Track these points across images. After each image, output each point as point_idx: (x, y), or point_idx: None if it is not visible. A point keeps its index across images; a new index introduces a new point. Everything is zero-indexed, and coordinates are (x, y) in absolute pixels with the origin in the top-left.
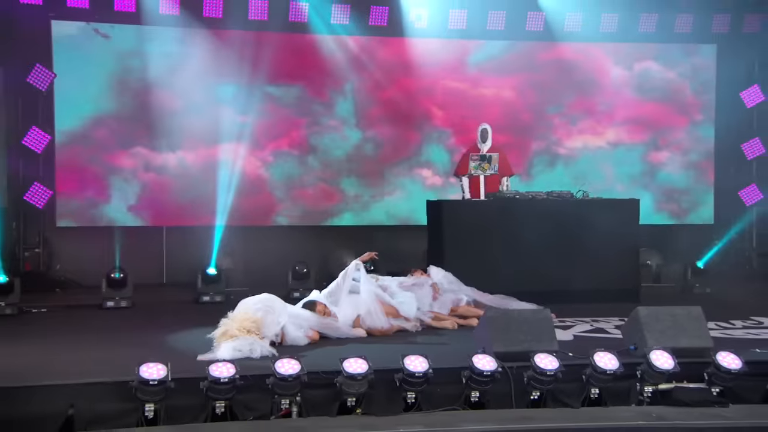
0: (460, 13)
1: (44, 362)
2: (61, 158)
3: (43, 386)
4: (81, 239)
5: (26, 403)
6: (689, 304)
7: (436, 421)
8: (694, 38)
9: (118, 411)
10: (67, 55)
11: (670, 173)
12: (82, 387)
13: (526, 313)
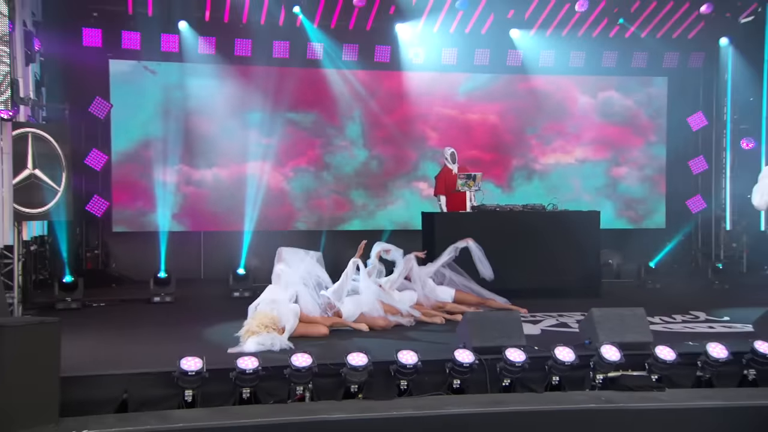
0: (451, 51)
1: (104, 354)
2: (116, 175)
3: (103, 375)
4: (132, 242)
5: (90, 388)
6: (642, 298)
7: (424, 405)
8: (649, 72)
9: (163, 396)
10: (121, 88)
11: (629, 185)
12: (134, 376)
13: (499, 314)
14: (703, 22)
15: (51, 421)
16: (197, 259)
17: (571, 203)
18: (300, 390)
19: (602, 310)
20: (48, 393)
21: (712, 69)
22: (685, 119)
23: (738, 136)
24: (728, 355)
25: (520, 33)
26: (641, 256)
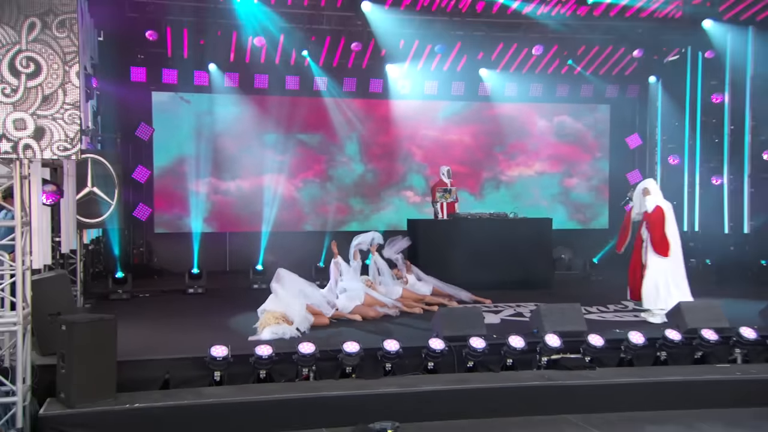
0: (432, 83)
1: (150, 342)
2: (157, 186)
3: (150, 360)
4: (171, 241)
5: (140, 370)
6: (585, 290)
7: (405, 383)
8: (594, 101)
9: (197, 376)
10: (162, 115)
11: (578, 193)
12: (174, 360)
13: (465, 310)
14: (636, 63)
15: (109, 396)
16: (223, 255)
17: (530, 209)
18: (306, 371)
19: (547, 306)
20: (107, 374)
21: (645, 99)
22: (624, 139)
23: (666, 153)
24: (645, 341)
25: (488, 72)
26: (588, 252)
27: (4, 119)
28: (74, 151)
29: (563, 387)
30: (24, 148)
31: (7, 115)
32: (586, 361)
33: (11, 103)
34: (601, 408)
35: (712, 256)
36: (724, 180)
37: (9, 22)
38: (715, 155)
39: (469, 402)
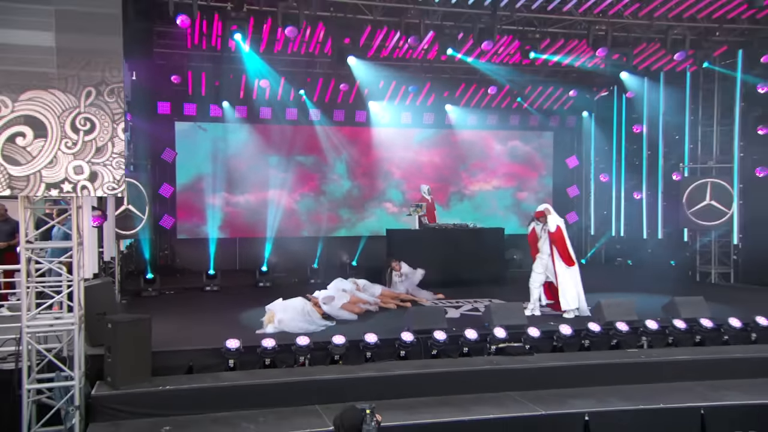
0: (406, 114)
1: (177, 335)
2: (180, 200)
3: (178, 350)
4: (191, 246)
5: (170, 358)
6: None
7: (382, 368)
8: (540, 129)
9: (215, 363)
10: (183, 141)
11: (528, 204)
12: (197, 351)
13: (431, 308)
14: (572, 100)
15: (146, 380)
16: (234, 257)
17: (488, 217)
18: (302, 359)
19: (495, 304)
20: (144, 362)
21: (580, 128)
22: (564, 160)
23: (598, 172)
24: (572, 332)
25: (452, 107)
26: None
27: (66, 166)
28: (120, 190)
29: (507, 370)
30: (81, 188)
31: (69, 162)
32: (526, 348)
33: (72, 153)
34: (537, 386)
35: (633, 257)
36: (643, 195)
37: (72, 91)
38: (635, 175)
39: (433, 383)
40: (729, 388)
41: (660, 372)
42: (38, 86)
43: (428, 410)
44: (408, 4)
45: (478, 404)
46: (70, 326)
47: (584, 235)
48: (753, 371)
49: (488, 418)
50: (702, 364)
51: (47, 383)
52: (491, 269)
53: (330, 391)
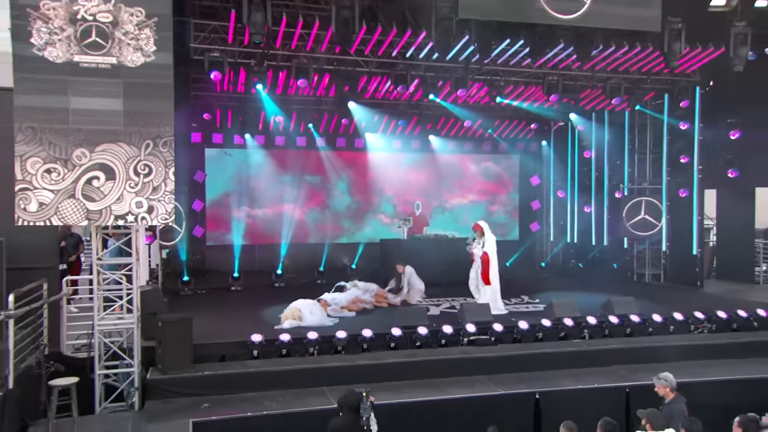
0: (397, 141)
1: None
2: (209, 213)
3: (213, 343)
4: (218, 251)
5: (207, 349)
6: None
7: (375, 357)
8: (508, 152)
9: (242, 353)
10: (212, 164)
11: (498, 216)
12: (228, 343)
13: (415, 308)
14: (534, 132)
15: (188, 367)
16: (254, 261)
17: (465, 227)
18: (311, 350)
19: (468, 304)
20: (186, 352)
21: (541, 153)
22: (528, 179)
23: (556, 189)
24: (528, 327)
25: (435, 137)
26: (504, 257)
27: (130, 202)
28: (170, 220)
29: (476, 358)
30: (141, 219)
31: (132, 199)
32: (492, 340)
33: (134, 192)
34: (499, 371)
35: (584, 260)
36: (592, 209)
37: (135, 144)
38: (586, 192)
39: (417, 369)
40: (649, 371)
41: (597, 358)
42: (109, 140)
43: (412, 391)
44: (397, 59)
45: (452, 386)
46: (130, 324)
47: (545, 240)
48: (670, 356)
49: (460, 397)
50: (630, 351)
51: (113, 369)
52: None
53: (334, 376)
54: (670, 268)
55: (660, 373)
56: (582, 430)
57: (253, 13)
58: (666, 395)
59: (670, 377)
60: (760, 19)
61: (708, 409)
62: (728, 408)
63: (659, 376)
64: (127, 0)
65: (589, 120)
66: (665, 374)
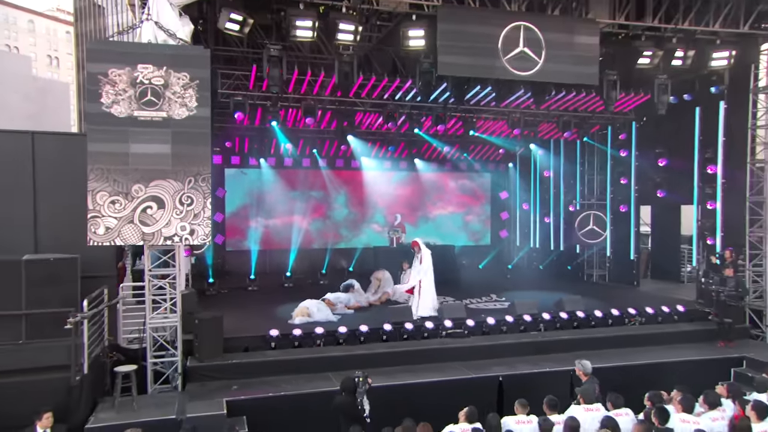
0: (387, 162)
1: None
2: (228, 223)
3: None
4: (236, 256)
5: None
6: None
7: (370, 347)
8: (481, 171)
9: (262, 344)
10: (230, 182)
11: (473, 225)
12: (250, 337)
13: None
14: (502, 155)
15: (220, 356)
16: (266, 264)
17: (446, 234)
18: (318, 342)
19: (445, 304)
20: (218, 344)
21: (509, 172)
22: (498, 194)
23: (521, 202)
24: (495, 322)
25: (419, 160)
26: (478, 260)
27: (176, 226)
28: (209, 240)
29: (452, 348)
30: (184, 239)
31: (177, 224)
32: (465, 333)
33: (179, 218)
34: (470, 358)
35: (543, 263)
36: (551, 219)
37: (180, 180)
38: (545, 205)
39: (404, 357)
40: (591, 357)
41: (549, 347)
42: (160, 177)
43: (400, 375)
44: (388, 101)
45: (432, 371)
46: (174, 322)
47: (512, 246)
48: (610, 344)
49: (438, 380)
50: (576, 341)
51: (160, 358)
52: (446, 274)
53: (336, 363)
54: (613, 269)
55: (581, 360)
56: (534, 406)
57: (271, 69)
58: (581, 377)
59: (587, 364)
60: (677, 72)
61: (630, 388)
62: (646, 385)
63: (580, 362)
64: (175, 67)
65: (547, 148)
66: (584, 361)
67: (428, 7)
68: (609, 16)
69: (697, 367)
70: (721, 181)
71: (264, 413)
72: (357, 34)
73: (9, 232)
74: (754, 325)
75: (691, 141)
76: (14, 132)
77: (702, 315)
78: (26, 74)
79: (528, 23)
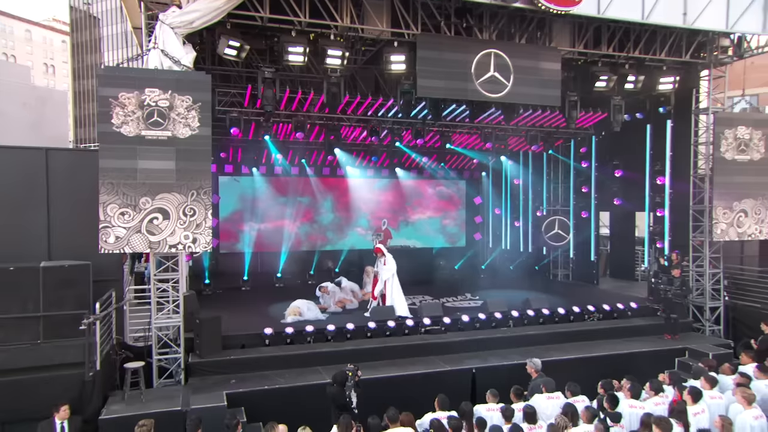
0: (370, 170)
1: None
2: (222, 227)
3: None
4: (229, 258)
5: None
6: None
7: (357, 343)
8: (457, 178)
9: (257, 342)
10: (224, 189)
11: (450, 228)
12: (247, 334)
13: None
14: (475, 165)
15: (219, 352)
16: (258, 265)
17: (424, 237)
18: (309, 339)
19: (424, 303)
20: (217, 342)
21: (483, 180)
22: (473, 199)
23: (493, 207)
24: (469, 319)
25: (400, 169)
26: (454, 261)
27: (180, 235)
28: (210, 248)
29: (430, 343)
30: (187, 247)
31: (181, 233)
32: (442, 329)
33: (183, 228)
34: (447, 352)
35: (514, 263)
36: (520, 223)
37: (184, 193)
38: (515, 210)
39: (387, 352)
40: (556, 350)
41: (518, 342)
42: (165, 191)
43: (384, 368)
44: (371, 117)
45: (413, 364)
46: (177, 322)
47: (485, 247)
48: (571, 339)
49: (418, 372)
50: (542, 336)
51: (164, 355)
52: (425, 275)
53: (326, 358)
54: (576, 269)
55: (533, 359)
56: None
57: (266, 89)
58: (532, 374)
59: (537, 362)
60: (630, 94)
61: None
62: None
63: (531, 360)
64: (180, 90)
65: (517, 159)
66: (535, 360)
67: (408, 35)
68: (570, 44)
69: (647, 358)
70: (669, 191)
71: (260, 404)
72: (344, 59)
73: (25, 240)
74: (695, 319)
75: (643, 155)
76: (29, 148)
77: (652, 311)
78: (26, 83)
79: (498, 50)
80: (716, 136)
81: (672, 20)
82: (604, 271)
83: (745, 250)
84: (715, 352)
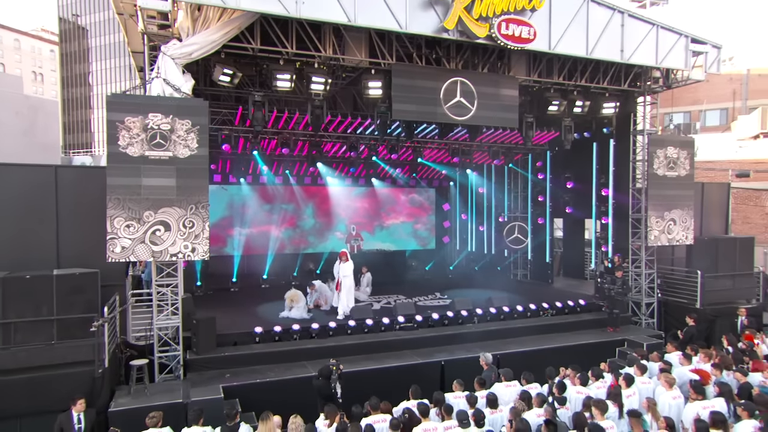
0: (348, 179)
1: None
2: (212, 232)
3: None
4: (218, 261)
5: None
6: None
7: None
8: (427, 187)
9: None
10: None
11: (421, 232)
12: (238, 333)
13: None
14: (444, 175)
15: (213, 350)
16: (246, 267)
17: (398, 240)
18: (295, 337)
19: (398, 302)
20: (212, 340)
21: (450, 188)
22: (442, 206)
23: (460, 213)
24: (438, 317)
25: (375, 179)
26: (425, 262)
27: (180, 245)
28: (207, 256)
29: (404, 338)
30: (187, 256)
31: (182, 243)
32: (414, 326)
33: (183, 238)
34: (419, 346)
35: (479, 264)
36: (485, 228)
37: (183, 207)
38: (480, 216)
39: (365, 347)
40: (514, 343)
41: (481, 336)
42: (167, 205)
43: (363, 362)
44: (350, 134)
45: (388, 358)
46: (176, 323)
47: (453, 250)
48: (528, 333)
49: (393, 365)
50: (503, 331)
51: (165, 353)
52: (398, 274)
53: (310, 354)
54: (533, 270)
55: (485, 353)
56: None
57: (255, 111)
58: (483, 366)
59: (488, 356)
60: (579, 116)
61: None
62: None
63: (483, 354)
64: (180, 115)
65: (481, 171)
66: (486, 354)
67: (384, 63)
68: (526, 73)
69: (592, 348)
70: (612, 201)
71: (253, 396)
72: (327, 85)
73: (36, 250)
74: (634, 313)
75: (590, 169)
76: (40, 166)
77: (597, 307)
78: (18, 93)
79: (463, 78)
80: (650, 154)
81: (611, 56)
82: (558, 271)
83: (675, 253)
84: (648, 342)
